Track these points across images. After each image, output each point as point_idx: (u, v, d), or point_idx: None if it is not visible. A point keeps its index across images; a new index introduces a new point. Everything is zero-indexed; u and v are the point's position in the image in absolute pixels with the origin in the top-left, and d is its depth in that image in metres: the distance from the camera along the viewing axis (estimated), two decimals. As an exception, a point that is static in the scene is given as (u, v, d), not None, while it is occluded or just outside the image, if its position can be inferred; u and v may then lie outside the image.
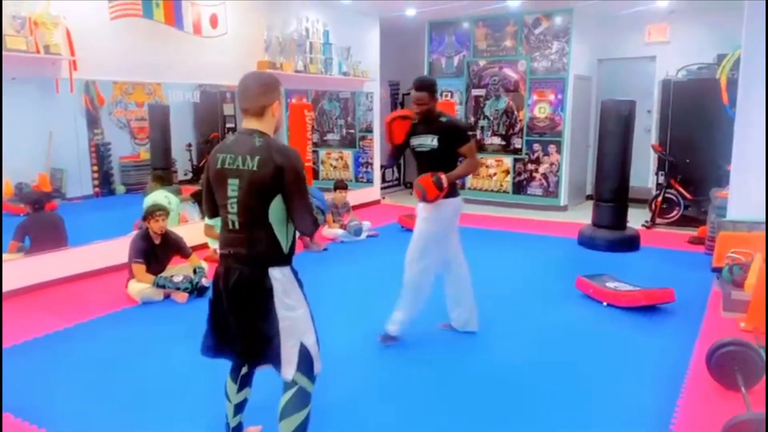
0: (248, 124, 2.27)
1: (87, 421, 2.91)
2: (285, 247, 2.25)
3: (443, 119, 3.69)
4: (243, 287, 2.23)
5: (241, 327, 2.29)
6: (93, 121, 8.13)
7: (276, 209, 2.19)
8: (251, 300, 2.24)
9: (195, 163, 9.40)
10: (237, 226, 2.22)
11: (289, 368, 2.23)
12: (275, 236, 2.22)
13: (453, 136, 3.64)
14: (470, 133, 3.85)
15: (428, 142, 3.67)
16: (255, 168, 2.15)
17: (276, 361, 2.24)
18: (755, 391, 3.03)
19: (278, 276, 2.22)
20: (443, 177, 3.54)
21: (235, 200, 2.21)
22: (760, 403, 2.90)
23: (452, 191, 3.67)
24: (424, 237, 3.69)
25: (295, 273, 2.31)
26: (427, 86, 3.64)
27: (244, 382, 2.55)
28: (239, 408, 2.57)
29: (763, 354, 3.13)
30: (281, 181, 2.15)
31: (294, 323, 2.24)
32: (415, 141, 3.76)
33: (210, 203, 2.38)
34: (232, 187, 2.20)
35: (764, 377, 3.07)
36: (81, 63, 5.20)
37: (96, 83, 7.71)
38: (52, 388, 3.28)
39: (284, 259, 2.26)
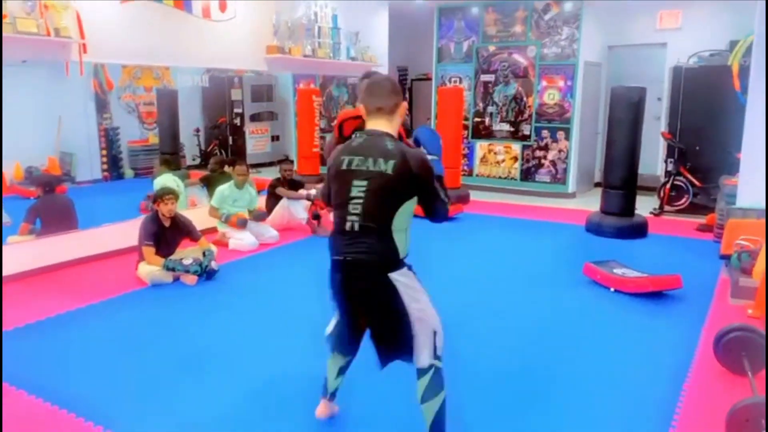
0: (376, 124, 2.27)
1: (101, 398, 2.96)
2: (403, 252, 2.24)
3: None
4: (369, 294, 2.25)
5: (375, 329, 2.33)
6: (102, 106, 8.18)
7: (402, 217, 2.20)
8: (381, 304, 2.25)
9: (203, 148, 9.44)
10: (357, 228, 2.19)
11: (425, 355, 2.29)
12: (395, 242, 2.20)
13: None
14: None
15: None
16: (390, 171, 2.15)
17: (409, 353, 2.29)
18: (761, 376, 3.04)
19: (401, 279, 2.22)
20: None
21: (360, 202, 2.18)
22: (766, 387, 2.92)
23: None
24: None
25: (412, 269, 2.31)
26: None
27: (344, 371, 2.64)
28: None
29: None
30: (415, 187, 2.18)
31: (427, 315, 2.28)
32: None
33: (328, 194, 2.37)
34: (359, 188, 2.18)
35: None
36: (90, 46, 5.21)
37: (105, 67, 7.74)
38: (66, 366, 3.33)
39: (400, 263, 2.25)
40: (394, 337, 2.29)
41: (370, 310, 2.31)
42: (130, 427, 2.71)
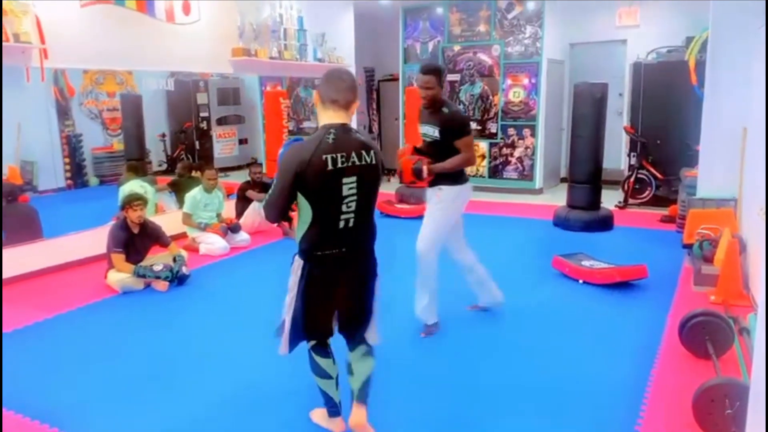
0: (338, 118, 2.29)
1: (73, 407, 2.92)
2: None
3: (445, 110, 3.59)
4: (362, 275, 2.43)
5: (354, 308, 2.48)
6: (63, 112, 8.01)
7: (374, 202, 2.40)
8: (367, 287, 2.46)
9: (169, 153, 9.32)
10: (351, 224, 2.27)
11: (375, 332, 2.53)
12: (374, 227, 2.44)
13: (452, 129, 3.55)
14: (469, 128, 3.75)
15: (431, 132, 3.62)
16: (373, 162, 2.27)
17: (367, 328, 2.51)
18: (724, 358, 3.16)
19: (376, 258, 2.47)
20: (425, 167, 3.48)
21: (354, 198, 2.24)
22: (729, 369, 3.03)
23: (460, 178, 3.67)
24: (437, 223, 3.62)
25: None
26: (433, 70, 3.56)
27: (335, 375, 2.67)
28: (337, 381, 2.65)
29: (732, 323, 3.26)
30: (382, 170, 2.37)
31: (378, 295, 2.52)
32: (422, 129, 3.72)
33: (285, 205, 2.28)
34: (349, 185, 2.21)
35: (733, 345, 3.21)
36: (51, 51, 5.09)
37: (65, 73, 7.59)
38: (37, 377, 3.27)
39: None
40: (363, 315, 2.50)
41: (353, 294, 2.45)
42: (106, 435, 2.68)
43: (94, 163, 8.31)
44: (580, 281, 4.61)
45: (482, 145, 9.00)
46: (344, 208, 2.23)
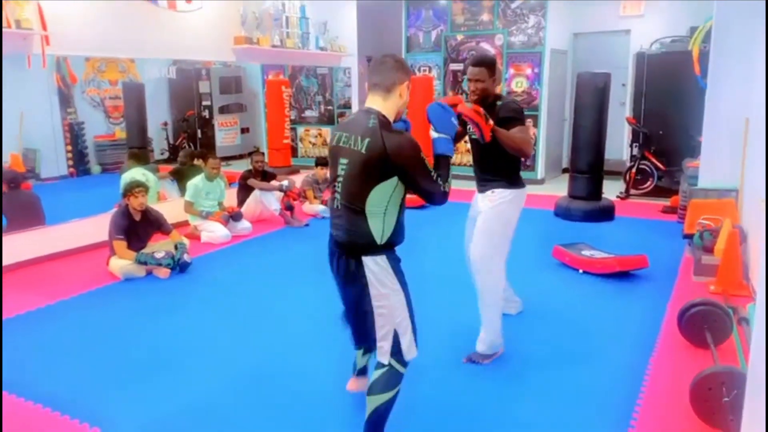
0: (371, 102, 2.21)
1: (76, 392, 2.94)
2: (379, 237, 2.17)
3: (499, 103, 3.19)
4: (345, 272, 2.27)
5: (348, 308, 2.43)
6: (65, 100, 8.00)
7: (376, 199, 2.14)
8: (351, 285, 2.27)
9: (171, 141, 9.32)
10: (339, 207, 2.22)
11: (383, 351, 2.24)
12: (369, 226, 2.16)
13: (508, 119, 3.10)
14: (524, 117, 3.27)
15: None
16: (363, 151, 2.10)
17: (373, 342, 2.29)
18: (722, 347, 3.17)
19: (372, 266, 2.18)
20: (491, 121, 2.92)
21: (341, 180, 2.20)
22: (727, 357, 3.04)
23: (517, 180, 3.28)
24: (492, 230, 3.22)
25: (394, 260, 2.24)
26: (484, 62, 3.23)
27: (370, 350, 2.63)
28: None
29: (731, 313, 3.27)
30: (389, 169, 2.10)
31: (390, 311, 2.21)
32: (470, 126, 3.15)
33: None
34: (342, 166, 2.19)
35: (731, 335, 3.22)
36: (53, 38, 5.10)
37: (68, 61, 7.57)
38: (40, 362, 3.30)
39: (379, 249, 2.19)
40: (359, 320, 2.38)
41: (345, 290, 2.37)
42: (107, 419, 2.71)
43: (96, 151, 8.32)
44: (580, 271, 4.62)
45: (484, 135, 8.97)
46: (336, 186, 2.23)
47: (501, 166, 3.22)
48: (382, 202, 2.16)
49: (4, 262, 4.81)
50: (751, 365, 2.02)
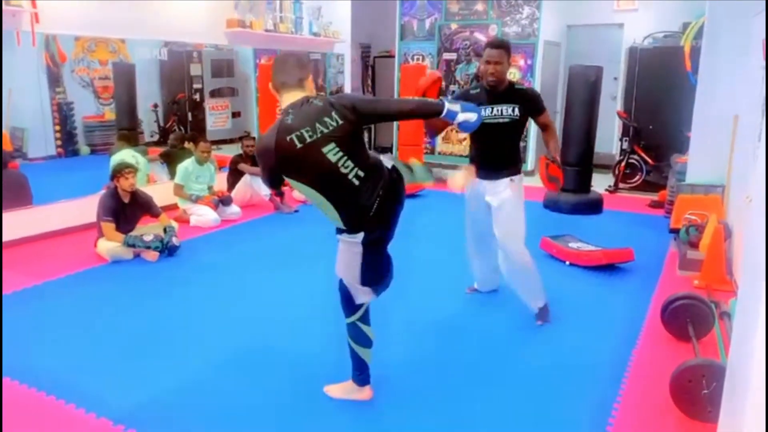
0: (291, 98, 2.33)
1: (64, 374, 2.94)
2: (400, 167, 2.46)
3: (520, 87, 3.44)
4: (395, 211, 2.43)
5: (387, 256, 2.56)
6: (54, 79, 7.89)
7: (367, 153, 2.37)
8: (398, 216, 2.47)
9: (161, 124, 9.23)
10: (363, 174, 2.29)
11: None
12: (386, 167, 2.39)
13: (534, 105, 3.38)
14: None
15: (507, 111, 3.33)
16: (339, 122, 2.23)
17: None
18: (704, 341, 3.23)
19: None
20: (556, 157, 3.49)
21: (345, 160, 2.25)
22: (708, 351, 3.10)
23: (521, 163, 3.65)
24: (521, 216, 3.53)
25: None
26: (504, 44, 3.31)
27: None
28: None
29: (714, 308, 3.32)
30: (357, 119, 2.27)
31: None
32: (491, 110, 3.32)
33: (275, 179, 2.42)
34: (332, 152, 2.24)
35: (713, 328, 3.27)
36: (43, 16, 5.03)
37: (57, 39, 7.46)
38: (27, 343, 3.29)
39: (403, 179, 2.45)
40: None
41: (392, 230, 2.51)
42: (92, 400, 2.71)
43: (85, 131, 8.22)
44: (567, 263, 4.66)
45: (476, 126, 8.98)
46: (342, 170, 2.26)
47: (514, 154, 3.55)
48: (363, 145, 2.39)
49: (-9, 242, 4.78)
50: (731, 359, 2.06)
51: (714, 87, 5.28)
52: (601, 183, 7.46)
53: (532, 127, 8.56)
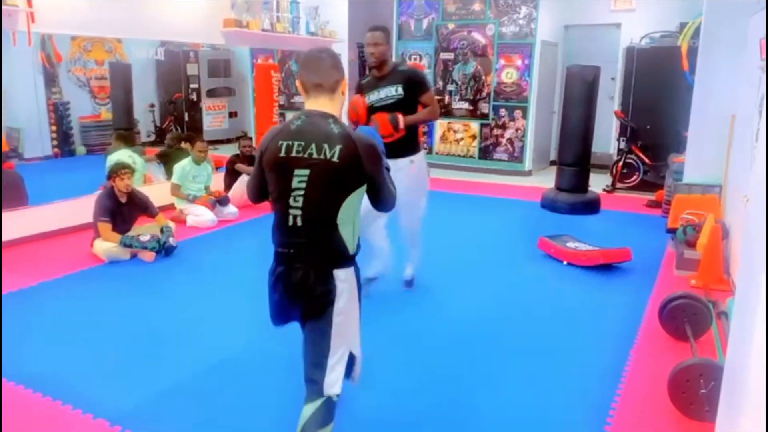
0: (316, 104, 2.01)
1: (60, 375, 2.93)
2: (351, 247, 2.00)
3: (402, 68, 3.65)
4: (306, 287, 1.98)
5: (303, 325, 2.09)
6: (50, 79, 7.89)
7: (349, 207, 1.95)
8: (316, 303, 1.99)
9: (158, 124, 9.23)
10: (300, 222, 1.96)
11: (334, 381, 1.99)
12: (341, 236, 1.97)
13: (416, 85, 3.53)
14: (429, 82, 3.77)
15: (392, 92, 3.50)
16: (335, 159, 1.89)
17: (322, 369, 2.00)
18: (702, 341, 3.23)
19: (342, 277, 1.98)
20: (400, 117, 3.39)
21: (302, 194, 1.94)
22: (706, 350, 3.10)
23: (418, 145, 3.73)
24: (424, 194, 3.80)
25: (357, 271, 2.07)
26: (383, 28, 3.54)
27: None
28: None
29: (711, 307, 3.32)
30: (363, 175, 1.94)
31: (344, 328, 2.01)
32: (375, 94, 3.53)
33: (258, 189, 2.15)
34: (300, 178, 1.93)
35: (711, 328, 3.27)
36: (39, 15, 5.00)
37: (53, 39, 7.46)
38: (21, 343, 3.26)
39: (350, 260, 2.02)
40: (316, 344, 2.03)
41: (305, 308, 2.04)
42: (89, 401, 2.69)
43: (81, 131, 8.22)
44: (565, 263, 4.66)
45: (473, 126, 8.99)
46: (291, 201, 1.96)
47: (410, 134, 3.60)
48: (352, 209, 1.99)
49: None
50: (729, 358, 2.06)
51: (711, 87, 5.28)
52: (598, 183, 7.47)
53: (530, 126, 8.58)
